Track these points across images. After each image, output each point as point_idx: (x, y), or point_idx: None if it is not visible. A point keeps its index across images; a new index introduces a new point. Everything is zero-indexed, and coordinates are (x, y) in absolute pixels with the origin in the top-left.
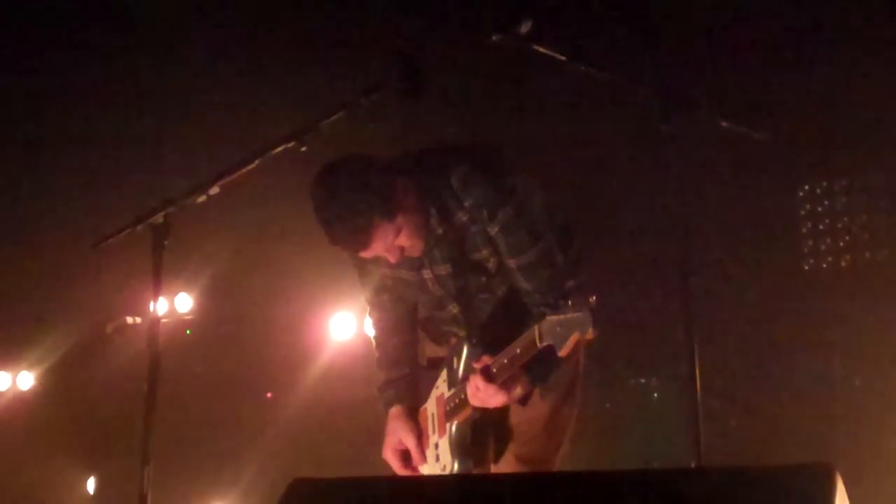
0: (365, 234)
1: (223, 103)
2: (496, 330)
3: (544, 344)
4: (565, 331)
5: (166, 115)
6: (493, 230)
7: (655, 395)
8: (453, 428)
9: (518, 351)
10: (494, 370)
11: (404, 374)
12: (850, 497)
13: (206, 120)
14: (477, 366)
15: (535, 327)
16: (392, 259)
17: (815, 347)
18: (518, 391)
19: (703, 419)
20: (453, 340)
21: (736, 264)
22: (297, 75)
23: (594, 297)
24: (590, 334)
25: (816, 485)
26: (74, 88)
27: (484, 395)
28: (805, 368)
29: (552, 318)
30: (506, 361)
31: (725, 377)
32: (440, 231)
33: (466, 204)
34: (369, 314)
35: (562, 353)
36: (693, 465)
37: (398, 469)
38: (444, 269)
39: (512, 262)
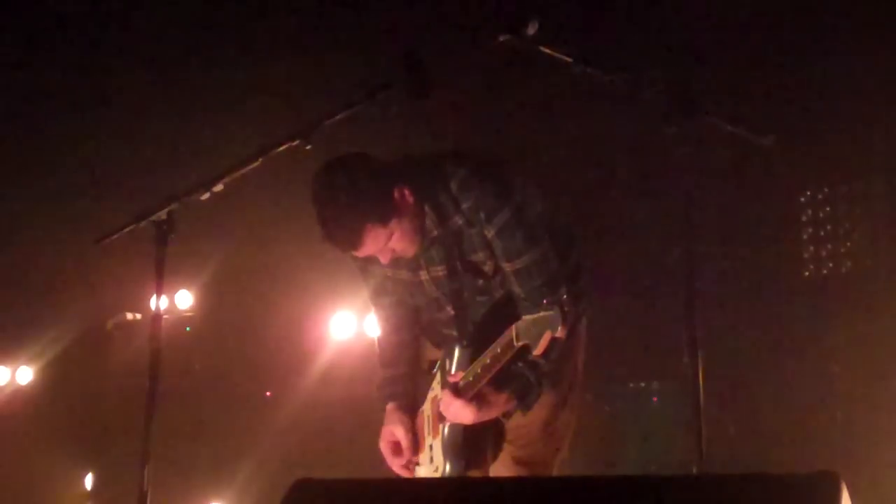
0: (356, 236)
1: (228, 100)
2: (489, 332)
3: (521, 343)
4: (538, 329)
5: (170, 112)
6: (490, 233)
7: (655, 399)
8: (445, 429)
9: (498, 351)
10: (462, 384)
11: (402, 372)
12: None
13: (211, 117)
14: (448, 379)
15: (513, 327)
16: (383, 260)
17: (816, 353)
18: (489, 409)
19: (703, 423)
20: (449, 342)
21: (737, 269)
22: (302, 73)
23: (566, 297)
24: (560, 332)
25: (822, 493)
26: (77, 84)
27: (454, 409)
28: (805, 374)
29: (527, 318)
30: (479, 371)
31: (726, 382)
32: (436, 233)
33: (464, 207)
34: (374, 314)
35: (536, 351)
36: (694, 470)
37: (389, 460)
38: (440, 271)
39: (507, 266)
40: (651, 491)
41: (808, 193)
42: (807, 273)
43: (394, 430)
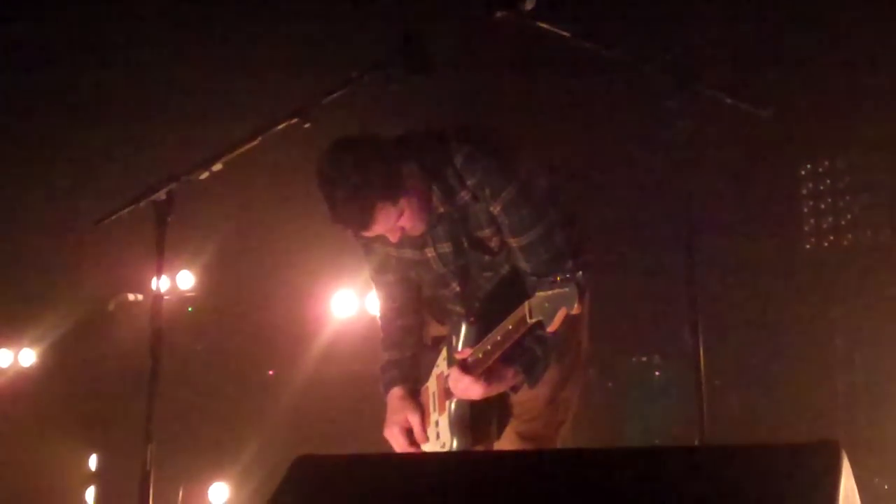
0: (367, 215)
1: (227, 79)
2: (495, 308)
3: (534, 320)
4: (553, 306)
5: (169, 91)
6: (496, 209)
7: (657, 372)
8: (452, 405)
9: (510, 327)
10: (471, 360)
11: (407, 355)
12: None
13: (210, 96)
14: (457, 356)
15: (526, 304)
16: (392, 239)
17: (817, 325)
18: (498, 384)
19: (705, 397)
20: (454, 319)
21: (738, 242)
22: (301, 51)
23: (580, 273)
24: (576, 309)
25: (822, 462)
26: (75, 64)
27: (463, 385)
28: (806, 346)
29: (541, 295)
30: (489, 347)
31: (727, 355)
32: (442, 210)
33: (469, 183)
34: (375, 293)
35: (550, 328)
36: (696, 442)
37: (402, 448)
38: (446, 247)
39: (513, 242)
40: (653, 462)
41: (809, 166)
42: (808, 246)
43: (409, 417)
